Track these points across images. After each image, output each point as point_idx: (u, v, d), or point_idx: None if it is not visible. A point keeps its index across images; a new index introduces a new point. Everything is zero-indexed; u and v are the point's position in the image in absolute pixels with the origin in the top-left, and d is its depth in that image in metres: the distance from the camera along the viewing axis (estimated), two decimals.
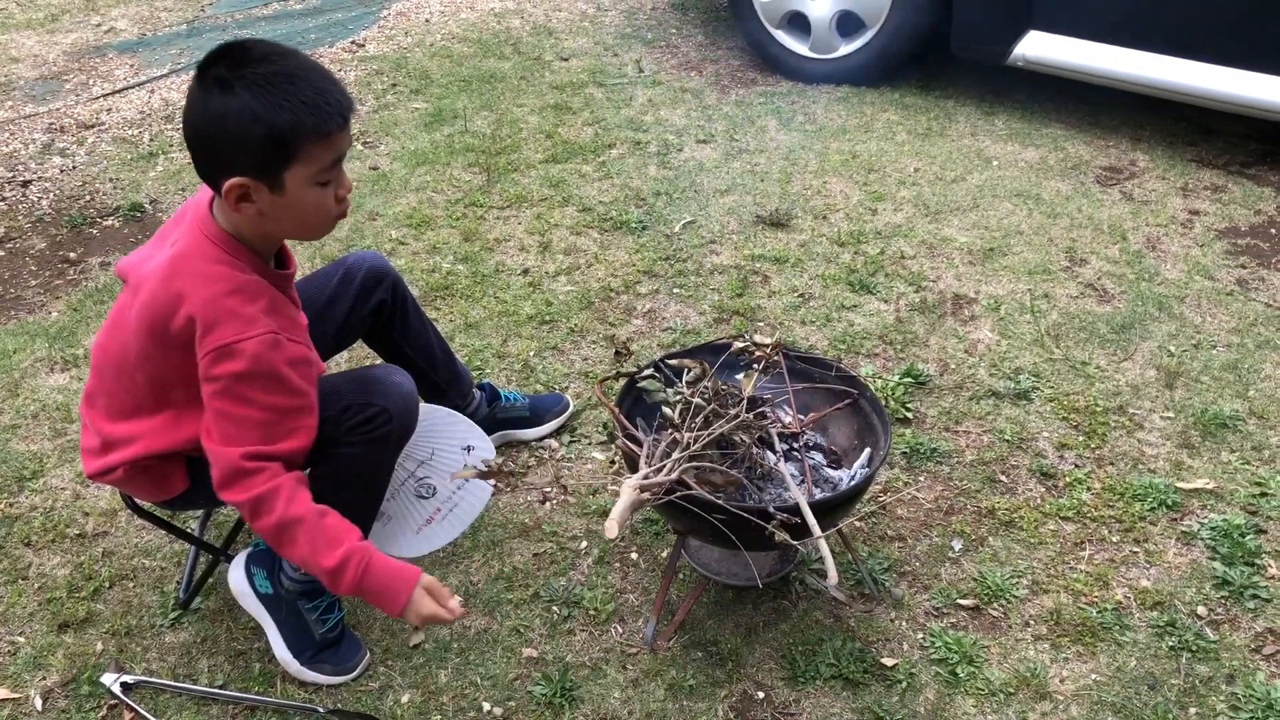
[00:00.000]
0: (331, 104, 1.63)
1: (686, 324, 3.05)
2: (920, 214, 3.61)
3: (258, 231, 1.73)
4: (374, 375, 1.91)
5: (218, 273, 1.69)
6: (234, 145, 1.60)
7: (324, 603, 2.01)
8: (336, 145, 1.67)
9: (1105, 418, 2.66)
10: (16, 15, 5.84)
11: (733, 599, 2.17)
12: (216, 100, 1.59)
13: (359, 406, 1.82)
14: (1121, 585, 2.20)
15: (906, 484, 2.47)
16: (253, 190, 1.63)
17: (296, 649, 2.01)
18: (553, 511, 2.42)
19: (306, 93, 1.60)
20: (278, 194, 1.65)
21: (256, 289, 1.70)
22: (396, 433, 1.87)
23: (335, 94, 1.64)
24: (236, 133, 1.58)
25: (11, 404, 2.77)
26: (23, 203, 3.85)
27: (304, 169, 1.64)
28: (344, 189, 1.73)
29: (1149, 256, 3.34)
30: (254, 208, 1.66)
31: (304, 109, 1.59)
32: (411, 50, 5.23)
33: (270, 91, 1.57)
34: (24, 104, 4.65)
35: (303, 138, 1.60)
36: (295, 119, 1.59)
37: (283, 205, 1.66)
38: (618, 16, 5.66)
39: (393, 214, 3.67)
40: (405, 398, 1.88)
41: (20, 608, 2.19)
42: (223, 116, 1.59)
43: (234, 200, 1.64)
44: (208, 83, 1.60)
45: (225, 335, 1.64)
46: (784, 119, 4.35)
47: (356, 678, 2.03)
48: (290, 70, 1.61)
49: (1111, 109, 4.29)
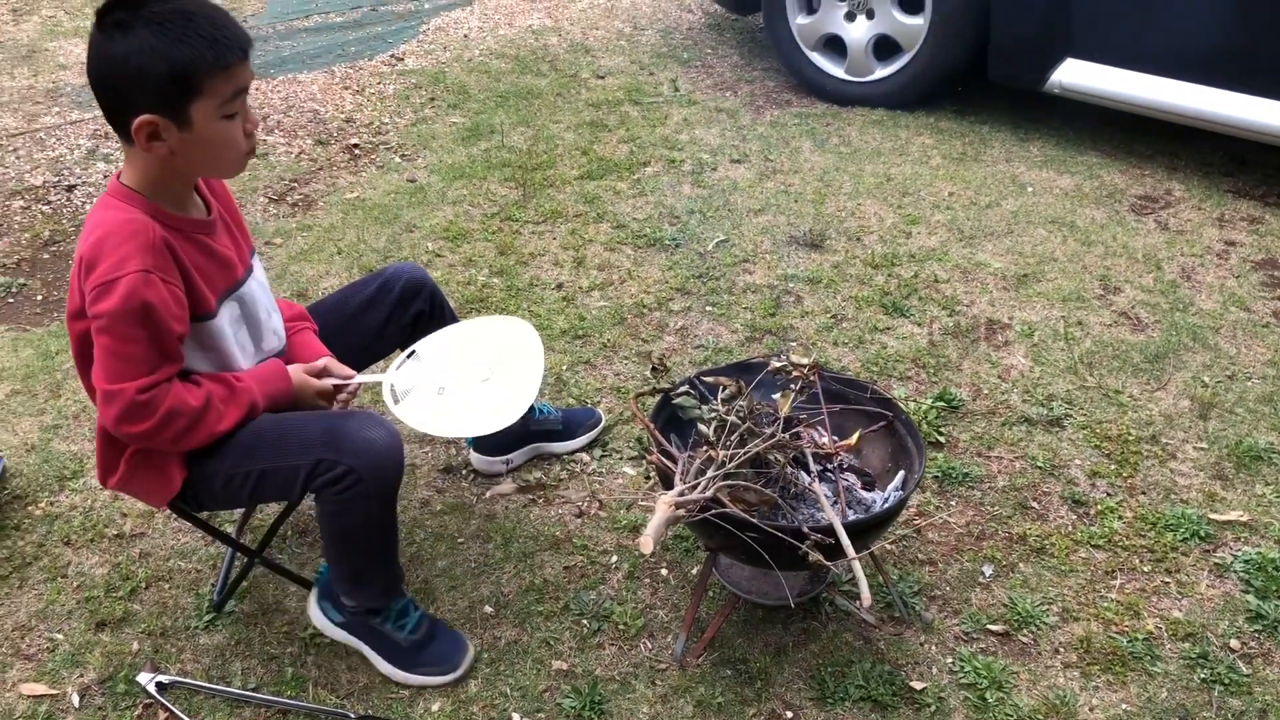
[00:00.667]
0: (229, 38, 1.69)
1: (719, 342, 3.06)
2: (954, 238, 3.62)
3: (170, 172, 1.77)
4: (346, 430, 1.83)
5: (106, 218, 1.74)
6: (138, 84, 1.65)
7: (391, 613, 2.03)
8: (237, 77, 1.72)
9: (1138, 447, 2.65)
10: (65, 23, 5.94)
11: (762, 618, 2.18)
12: (118, 42, 1.64)
13: (327, 464, 1.81)
14: (1153, 615, 2.20)
15: (938, 508, 2.47)
16: (161, 128, 1.68)
17: (393, 660, 2.04)
18: (584, 525, 2.43)
19: (205, 28, 1.66)
20: (185, 130, 1.69)
21: (139, 228, 1.72)
22: (374, 489, 1.83)
23: (232, 29, 1.71)
24: (139, 71, 1.64)
25: (54, 404, 2.82)
26: (67, 207, 3.92)
27: (208, 102, 1.69)
28: (251, 123, 1.78)
29: (1184, 286, 3.33)
30: (165, 146, 1.71)
31: (203, 43, 1.65)
32: (450, 65, 5.29)
33: (168, 29, 1.63)
34: (70, 110, 4.72)
35: (204, 71, 1.66)
36: (195, 52, 1.64)
37: (192, 141, 1.71)
38: (654, 36, 5.70)
39: (430, 226, 3.71)
40: (378, 454, 1.82)
41: (59, 605, 2.23)
42: (125, 57, 1.64)
43: (144, 139, 1.69)
44: (107, 27, 1.65)
45: (101, 273, 1.69)
46: (819, 140, 4.37)
47: (463, 676, 2.04)
48: (185, 8, 1.67)
49: (1147, 138, 4.28)
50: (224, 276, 1.88)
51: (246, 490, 1.89)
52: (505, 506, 2.49)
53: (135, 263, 1.68)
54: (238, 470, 1.87)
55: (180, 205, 1.83)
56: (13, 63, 5.32)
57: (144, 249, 1.70)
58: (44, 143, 4.39)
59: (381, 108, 4.79)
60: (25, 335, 3.17)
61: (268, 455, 1.86)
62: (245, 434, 1.88)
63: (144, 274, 1.69)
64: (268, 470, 1.86)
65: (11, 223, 3.80)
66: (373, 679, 2.06)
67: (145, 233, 1.71)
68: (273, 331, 2.02)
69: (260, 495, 1.94)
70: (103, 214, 1.76)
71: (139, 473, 1.91)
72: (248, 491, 1.90)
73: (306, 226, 3.75)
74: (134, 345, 1.71)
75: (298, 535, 2.42)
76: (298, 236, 3.67)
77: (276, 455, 1.85)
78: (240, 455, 1.87)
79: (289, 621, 2.18)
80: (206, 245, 1.85)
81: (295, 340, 2.10)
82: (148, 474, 1.91)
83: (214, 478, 1.89)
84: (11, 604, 2.23)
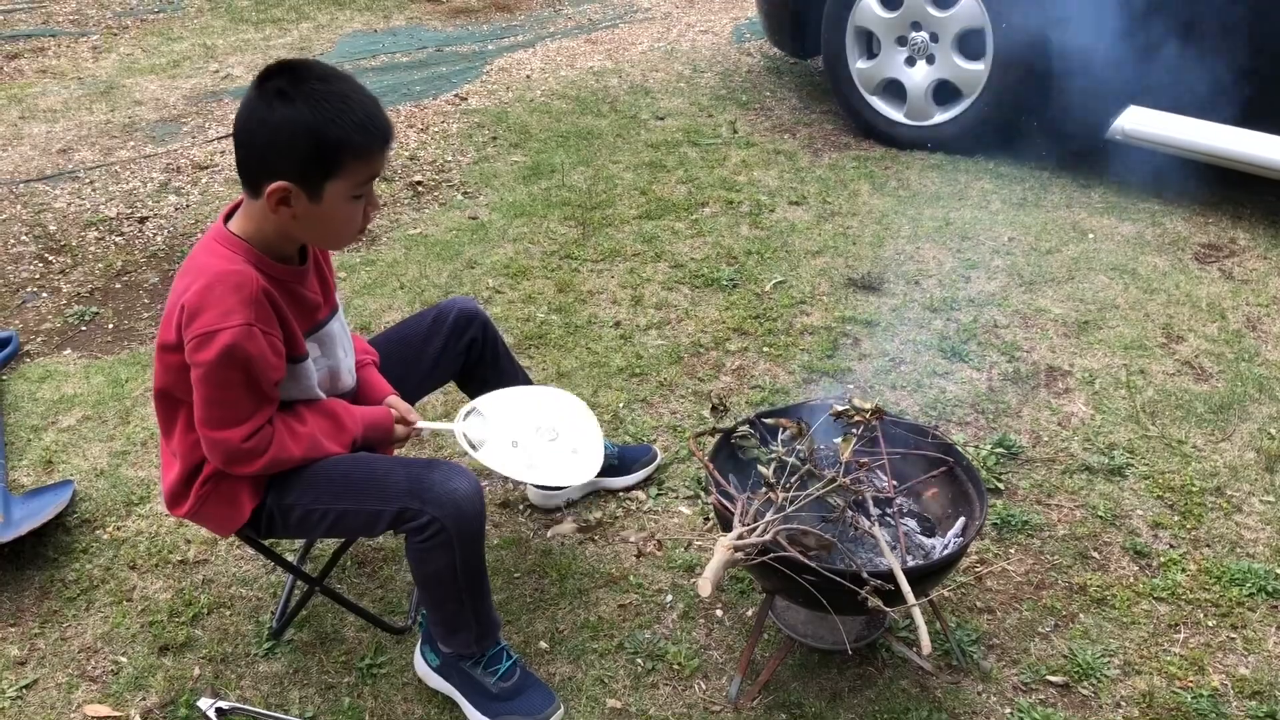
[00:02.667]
0: (378, 127, 1.77)
1: (775, 383, 3.06)
2: (1014, 283, 3.60)
3: (284, 234, 1.83)
4: (432, 480, 1.88)
5: (212, 264, 1.79)
6: (284, 151, 1.72)
7: (485, 657, 2.04)
8: (375, 165, 1.80)
9: (1202, 498, 2.61)
10: (141, 61, 6.14)
11: (818, 662, 2.17)
12: (276, 110, 1.71)
13: (412, 512, 1.86)
14: (1218, 671, 2.15)
15: (997, 555, 2.45)
16: (293, 195, 1.75)
17: (481, 708, 2.04)
18: (639, 563, 2.44)
19: (358, 114, 1.74)
20: (315, 202, 1.77)
21: (243, 280, 1.77)
22: (457, 538, 1.87)
23: (381, 119, 1.78)
24: (290, 141, 1.71)
25: (123, 430, 2.89)
26: (139, 238, 4.03)
27: (344, 183, 1.76)
28: (373, 207, 1.86)
29: (1249, 336, 3.28)
30: (290, 212, 1.77)
31: (354, 127, 1.73)
32: (512, 105, 5.38)
33: (326, 108, 1.71)
34: (144, 144, 4.87)
35: (348, 153, 1.73)
36: (344, 135, 1.72)
37: (317, 213, 1.78)
38: (713, 78, 5.76)
39: (490, 263, 3.76)
40: (460, 503, 1.86)
41: (124, 629, 2.27)
42: (279, 125, 1.71)
43: (274, 202, 1.75)
44: (267, 92, 1.72)
45: (204, 324, 1.74)
46: (877, 184, 4.38)
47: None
48: (345, 92, 1.75)
49: (1211, 185, 4.23)
50: (308, 319, 1.94)
51: (324, 526, 1.95)
52: (561, 543, 2.50)
53: (238, 316, 1.74)
54: (318, 506, 1.91)
55: (282, 256, 1.89)
56: (91, 98, 5.50)
57: (247, 303, 1.75)
58: (119, 176, 4.53)
59: (445, 146, 4.88)
60: (97, 363, 3.25)
61: (351, 497, 1.90)
62: (330, 471, 1.92)
63: (246, 328, 1.74)
64: (349, 511, 1.90)
65: (86, 253, 3.92)
66: (428, 710, 2.08)
67: (249, 285, 1.76)
68: (348, 370, 2.07)
69: (336, 531, 1.99)
70: (208, 259, 1.81)
71: (209, 503, 1.95)
72: (325, 526, 1.95)
73: (370, 261, 3.82)
74: (232, 393, 1.78)
75: (357, 565, 2.45)
76: (361, 271, 3.74)
77: (360, 498, 1.90)
78: (322, 492, 1.91)
79: (346, 651, 2.21)
80: (297, 292, 1.91)
81: (360, 376, 2.14)
82: (217, 504, 1.95)
83: (291, 510, 1.93)
84: (78, 626, 2.28)
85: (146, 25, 6.90)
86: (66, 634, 2.26)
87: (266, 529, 1.98)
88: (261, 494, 1.93)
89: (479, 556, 1.95)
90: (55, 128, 5.09)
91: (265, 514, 1.94)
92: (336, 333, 2.02)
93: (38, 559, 2.45)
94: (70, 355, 3.31)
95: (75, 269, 3.82)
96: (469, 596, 1.96)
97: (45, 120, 5.20)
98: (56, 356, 3.30)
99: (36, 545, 2.47)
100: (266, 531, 1.99)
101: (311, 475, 1.92)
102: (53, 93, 5.60)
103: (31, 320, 3.51)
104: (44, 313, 3.55)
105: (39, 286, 3.71)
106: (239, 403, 1.79)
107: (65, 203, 4.27)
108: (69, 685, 2.15)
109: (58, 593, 2.37)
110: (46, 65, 6.10)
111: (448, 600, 1.96)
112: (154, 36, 6.64)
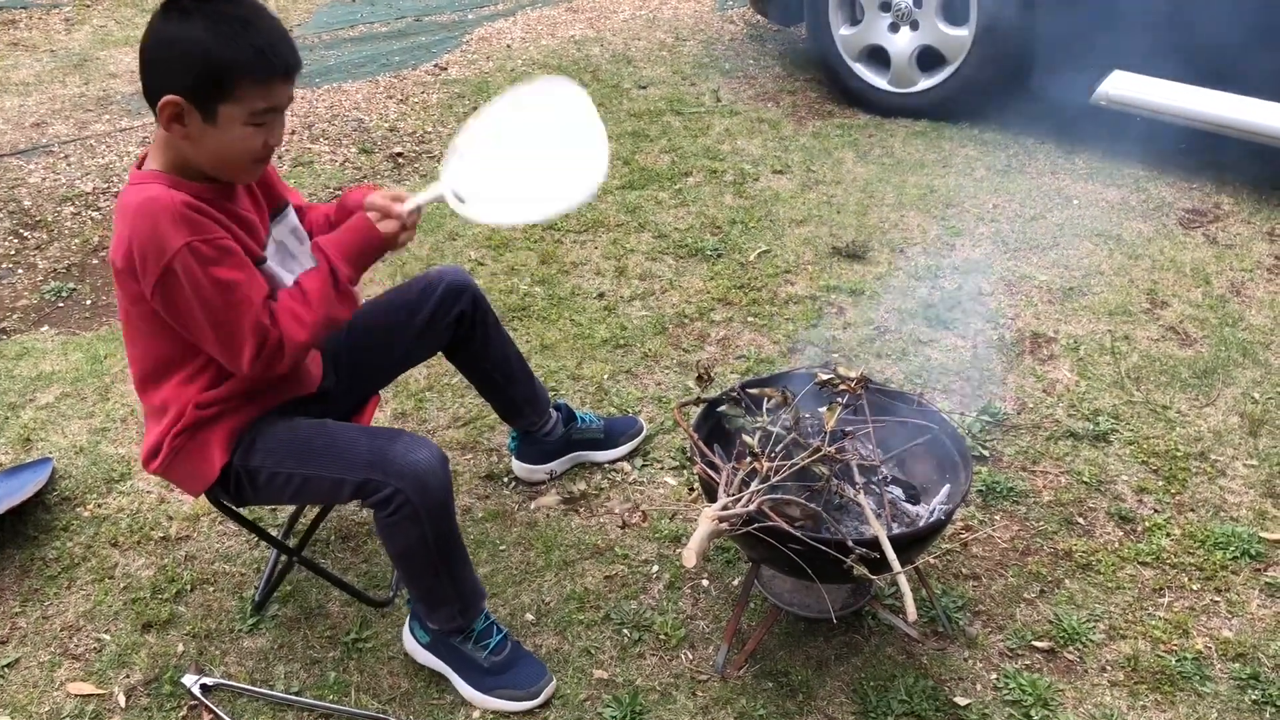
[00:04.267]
0: (277, 55, 1.72)
1: (760, 353, 3.05)
2: (999, 251, 3.59)
3: (185, 158, 1.77)
4: (393, 451, 1.85)
5: (129, 203, 1.72)
6: (177, 67, 1.68)
7: (475, 633, 2.02)
8: (274, 94, 1.75)
9: (1186, 463, 2.61)
10: (115, 33, 6.05)
11: (804, 630, 2.17)
12: (174, 24, 1.68)
13: (374, 484, 1.84)
14: (1202, 634, 2.16)
15: (982, 522, 2.45)
16: (185, 112, 1.70)
17: (473, 682, 2.03)
18: (625, 534, 2.43)
19: (257, 39, 1.69)
20: (209, 123, 1.71)
21: (157, 203, 1.70)
22: (423, 510, 1.85)
23: (284, 48, 1.73)
24: (182, 56, 1.68)
25: (102, 408, 2.86)
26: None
27: (238, 107, 1.71)
28: (274, 139, 1.80)
29: (1233, 301, 3.29)
30: (184, 131, 1.72)
31: (251, 51, 1.69)
32: (493, 75, 5.32)
33: (222, 27, 1.67)
34: (120, 118, 4.80)
35: (241, 76, 1.69)
36: (239, 57, 1.68)
37: (210, 134, 1.73)
38: (696, 46, 5.71)
39: (472, 235, 3.73)
40: (421, 475, 1.84)
41: (106, 606, 2.26)
42: (174, 40, 1.68)
43: (166, 119, 1.71)
44: (170, 9, 1.69)
45: (152, 267, 1.69)
46: (861, 151, 4.36)
47: (543, 703, 2.02)
48: (247, 16, 1.71)
49: (1195, 150, 4.22)
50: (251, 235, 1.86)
51: (289, 490, 1.93)
52: (546, 515, 2.49)
53: (174, 240, 1.68)
54: (282, 470, 1.90)
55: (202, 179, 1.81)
56: (65, 71, 5.42)
57: (173, 223, 1.69)
58: (94, 150, 4.46)
59: (425, 117, 4.83)
60: (74, 339, 3.22)
61: (314, 463, 1.88)
62: (293, 436, 1.91)
63: (185, 248, 1.69)
64: (312, 477, 1.88)
65: (62, 228, 3.87)
66: (414, 684, 2.07)
67: (166, 206, 1.69)
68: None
69: (302, 498, 1.97)
70: (125, 200, 1.74)
71: (180, 457, 1.92)
72: (290, 491, 1.93)
73: None
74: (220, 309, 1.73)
75: (341, 540, 2.43)
76: None
77: (322, 465, 1.88)
78: (285, 456, 1.89)
79: (331, 626, 2.20)
80: (227, 208, 1.82)
81: (336, 215, 2.08)
82: (188, 458, 1.91)
83: (258, 472, 1.91)
84: (60, 604, 2.26)
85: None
86: (48, 612, 2.25)
87: (236, 492, 1.96)
88: (229, 452, 1.90)
89: (450, 527, 1.93)
90: (28, 101, 5.02)
91: (234, 476, 1.92)
92: (287, 243, 1.95)
93: (18, 537, 2.43)
94: (48, 332, 3.27)
95: (51, 245, 3.77)
96: (445, 569, 1.95)
97: (18, 94, 5.12)
98: (34, 333, 3.26)
99: (16, 524, 2.44)
100: (236, 495, 1.97)
101: (275, 439, 1.90)
102: (25, 66, 5.52)
103: (7, 297, 3.46)
104: (20, 289, 3.51)
105: (14, 263, 3.67)
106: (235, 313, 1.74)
107: (40, 178, 4.21)
108: (51, 664, 2.13)
109: (38, 571, 2.35)
110: (18, 38, 6.00)
111: (424, 574, 1.95)
112: (127, 8, 6.54)
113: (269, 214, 1.97)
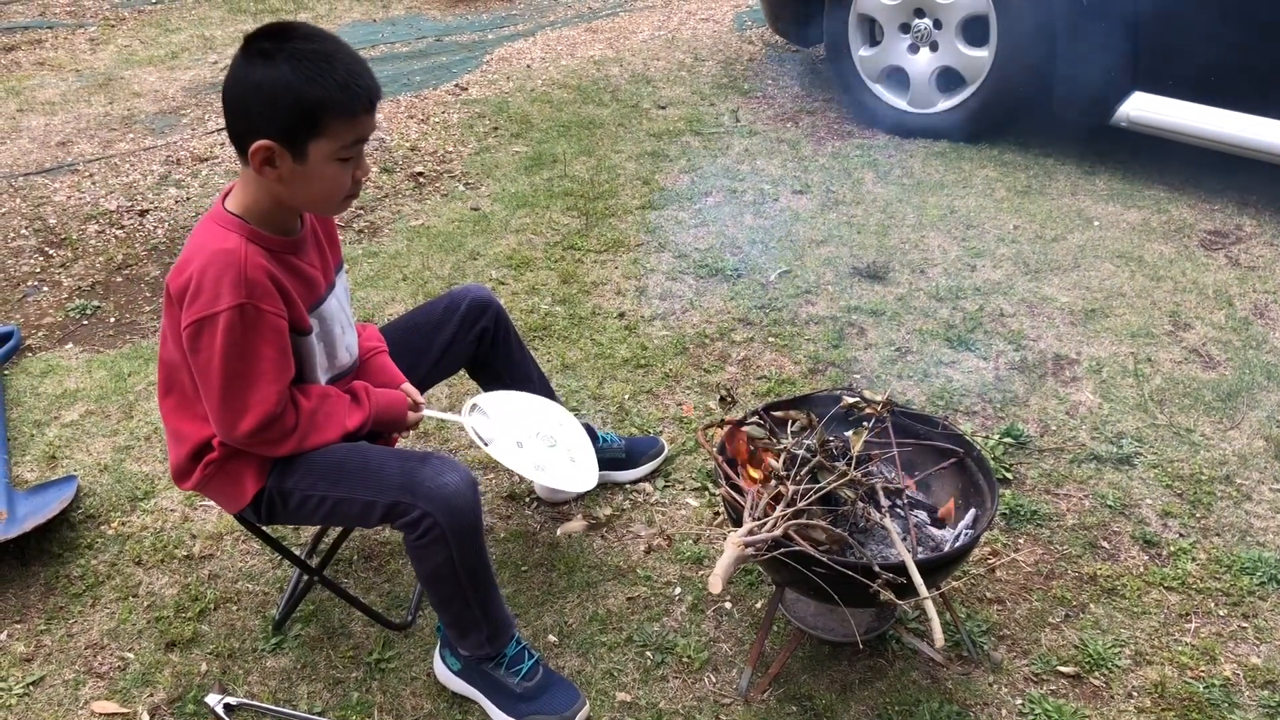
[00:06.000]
0: (360, 88, 1.74)
1: (781, 373, 3.05)
2: (1020, 272, 3.58)
3: (275, 200, 1.81)
4: (423, 474, 1.87)
5: (205, 244, 1.77)
6: (266, 111, 1.70)
7: (506, 658, 2.02)
8: (360, 127, 1.77)
9: (1211, 487, 2.60)
10: (139, 52, 6.10)
11: (828, 654, 2.16)
12: (258, 69, 1.70)
13: (404, 507, 1.86)
14: (1230, 661, 2.14)
15: (1006, 546, 2.43)
16: (277, 155, 1.73)
17: (506, 708, 2.02)
18: (647, 556, 2.43)
19: (340, 73, 1.71)
20: (299, 163, 1.75)
21: (234, 258, 1.75)
22: (451, 533, 1.86)
23: (365, 80, 1.75)
24: (270, 99, 1.70)
25: (126, 426, 2.87)
26: (140, 231, 4.01)
27: (327, 144, 1.74)
28: (362, 171, 1.83)
29: (1256, 324, 3.27)
30: (276, 173, 1.75)
31: (335, 87, 1.70)
32: (513, 95, 5.35)
33: (307, 66, 1.69)
34: (144, 137, 4.84)
35: (329, 113, 1.71)
36: (325, 94, 1.70)
37: (302, 174, 1.76)
38: (715, 67, 5.73)
39: (493, 254, 3.74)
40: (450, 498, 1.85)
41: (130, 625, 2.26)
42: (260, 83, 1.70)
43: (259, 163, 1.74)
44: (251, 53, 1.71)
45: (198, 309, 1.74)
46: (881, 172, 4.36)
47: None
48: (328, 51, 1.73)
49: (1216, 172, 4.21)
50: (308, 294, 1.91)
51: (320, 512, 1.94)
52: (569, 536, 2.49)
53: (229, 298, 1.73)
54: (314, 493, 1.91)
55: (281, 229, 1.87)
56: (89, 90, 5.48)
57: (238, 282, 1.74)
58: (118, 168, 4.50)
59: (445, 136, 4.85)
60: (99, 357, 3.24)
61: (345, 486, 1.89)
62: (325, 459, 1.91)
63: (238, 308, 1.73)
64: (343, 499, 1.89)
65: (87, 246, 3.90)
66: (437, 705, 2.07)
67: (239, 264, 1.75)
68: (346, 348, 2.05)
69: (332, 520, 1.98)
70: (203, 239, 1.79)
71: (214, 481, 1.95)
72: (321, 513, 1.94)
73: (373, 253, 3.80)
74: (243, 369, 1.78)
75: (363, 560, 2.44)
76: (364, 263, 3.72)
77: (353, 488, 1.89)
78: (317, 479, 1.90)
79: (354, 646, 2.20)
80: (294, 264, 1.88)
81: (372, 364, 2.13)
82: (222, 482, 1.95)
83: (290, 494, 1.92)
84: (85, 622, 2.27)
85: (144, 16, 6.87)
86: (73, 630, 2.25)
87: (268, 513, 1.97)
88: (264, 477, 1.92)
89: (479, 552, 1.93)
90: (54, 120, 5.07)
91: (266, 497, 1.94)
92: (334, 309, 2.00)
93: (43, 555, 2.44)
94: (72, 349, 3.29)
95: (76, 263, 3.80)
96: (474, 594, 1.95)
97: (43, 113, 5.17)
98: (58, 351, 3.29)
99: (41, 541, 2.46)
100: (268, 516, 1.98)
101: (310, 461, 1.91)
102: (50, 85, 5.57)
103: (32, 314, 3.49)
104: (45, 307, 3.54)
105: (39, 280, 3.70)
106: (250, 382, 1.78)
107: (65, 196, 4.25)
108: (76, 682, 2.14)
109: (63, 589, 2.36)
110: (44, 57, 6.07)
111: (453, 599, 1.95)
112: (151, 28, 6.61)
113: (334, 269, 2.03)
